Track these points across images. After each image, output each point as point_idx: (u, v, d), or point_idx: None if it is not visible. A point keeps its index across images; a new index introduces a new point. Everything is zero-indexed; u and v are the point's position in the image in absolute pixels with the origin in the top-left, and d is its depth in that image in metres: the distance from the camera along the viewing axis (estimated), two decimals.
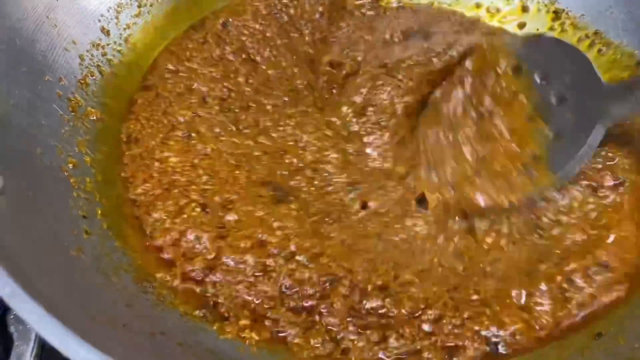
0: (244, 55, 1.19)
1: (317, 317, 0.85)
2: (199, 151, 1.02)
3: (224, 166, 1.00)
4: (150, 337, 0.73)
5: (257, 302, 0.86)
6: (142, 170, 1.00)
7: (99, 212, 0.92)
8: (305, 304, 0.86)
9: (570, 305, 0.85)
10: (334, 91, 1.16)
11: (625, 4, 1.17)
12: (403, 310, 0.85)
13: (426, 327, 0.84)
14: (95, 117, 1.04)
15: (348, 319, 0.85)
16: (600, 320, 0.84)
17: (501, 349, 0.83)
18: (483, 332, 0.83)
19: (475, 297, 0.86)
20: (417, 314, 0.85)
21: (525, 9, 1.31)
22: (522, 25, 1.29)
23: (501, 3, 1.33)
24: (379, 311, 0.86)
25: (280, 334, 0.83)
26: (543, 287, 0.85)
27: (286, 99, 1.13)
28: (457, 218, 0.95)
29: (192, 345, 0.76)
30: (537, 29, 1.28)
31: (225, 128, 1.06)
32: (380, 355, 0.82)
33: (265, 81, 1.15)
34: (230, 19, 1.25)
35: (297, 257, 0.89)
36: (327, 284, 0.87)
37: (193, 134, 1.05)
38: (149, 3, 1.22)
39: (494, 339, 0.83)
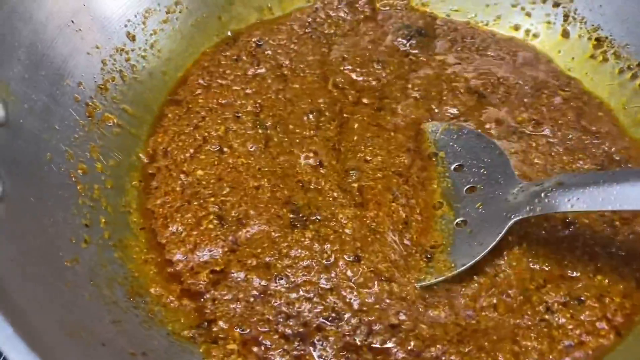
0: (277, 73, 1.19)
1: (309, 348, 0.83)
2: (229, 164, 1.02)
3: (250, 181, 1.00)
4: (130, 357, 0.72)
5: (251, 322, 0.84)
6: (166, 182, 1.01)
7: (103, 220, 0.92)
8: (300, 330, 0.84)
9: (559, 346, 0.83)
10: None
11: None
12: (408, 347, 0.82)
13: None
14: (112, 123, 1.04)
15: (342, 353, 0.82)
16: None
17: None
18: None
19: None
20: (420, 352, 0.82)
21: (566, 34, 1.24)
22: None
23: (541, 26, 1.27)
24: (381, 346, 0.83)
25: None
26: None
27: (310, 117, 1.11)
28: None
29: None
30: (573, 58, 1.21)
31: (258, 143, 1.06)
32: None
33: (293, 97, 1.14)
34: (266, 38, 1.25)
35: (301, 290, 0.88)
36: (327, 321, 0.85)
37: (225, 149, 1.05)
38: (178, 10, 1.21)
39: None
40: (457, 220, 0.93)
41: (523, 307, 0.86)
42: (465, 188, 0.97)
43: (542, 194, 0.85)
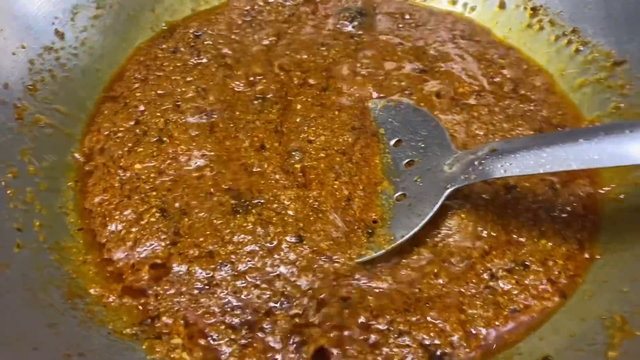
0: (221, 62, 1.17)
1: (258, 334, 0.81)
2: (169, 155, 1.00)
3: (192, 171, 0.99)
4: (65, 359, 0.70)
5: (197, 315, 0.83)
6: (104, 179, 0.99)
7: (37, 223, 0.89)
8: (248, 318, 0.83)
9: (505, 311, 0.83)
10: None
11: (605, 1, 1.10)
12: (358, 320, 0.82)
13: (373, 337, 0.81)
14: (44, 124, 1.01)
15: (289, 336, 0.81)
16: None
17: None
18: (427, 341, 0.80)
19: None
20: (370, 323, 0.82)
21: (502, 6, 1.25)
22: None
23: None
24: (333, 323, 0.82)
25: (214, 354, 0.80)
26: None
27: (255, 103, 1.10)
28: None
29: None
30: (510, 29, 1.22)
31: (200, 130, 1.04)
32: None
33: (239, 83, 1.13)
34: (204, 29, 1.23)
35: (248, 276, 0.86)
36: (277, 305, 0.84)
37: (165, 138, 1.03)
38: (109, 4, 1.18)
39: (438, 351, 0.79)
40: (396, 195, 0.93)
41: (467, 275, 0.86)
42: (404, 162, 0.97)
43: (476, 162, 0.85)
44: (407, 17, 1.28)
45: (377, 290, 0.85)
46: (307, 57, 1.18)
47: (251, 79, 1.14)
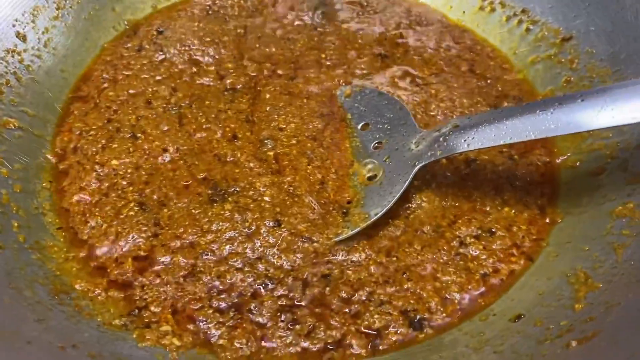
0: (186, 57, 1.19)
1: (246, 315, 0.84)
2: (144, 151, 1.02)
3: (167, 163, 1.01)
4: (59, 351, 0.71)
5: (184, 302, 0.85)
6: (80, 178, 0.99)
7: (16, 224, 0.89)
8: (235, 301, 0.85)
9: (476, 276, 0.88)
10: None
11: None
12: (340, 295, 0.86)
13: (354, 307, 0.85)
14: (13, 127, 1.01)
15: (278, 314, 0.84)
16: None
17: (424, 327, 0.83)
18: (407, 307, 0.85)
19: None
20: (351, 297, 0.86)
21: None
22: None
23: None
24: (316, 302, 0.86)
25: (203, 337, 0.82)
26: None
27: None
28: None
29: (107, 357, 0.74)
30: (464, 12, 1.28)
31: (171, 125, 1.06)
32: (305, 345, 0.82)
33: (207, 78, 1.15)
34: (167, 25, 1.25)
35: (230, 261, 0.89)
36: (262, 287, 0.87)
37: (139, 134, 1.05)
38: (69, 4, 1.18)
39: (417, 317, 0.84)
40: (367, 175, 0.97)
41: (438, 243, 0.91)
42: (373, 144, 1.01)
43: (441, 139, 0.90)
44: (365, 4, 1.33)
45: (355, 263, 0.89)
46: (275, 50, 1.21)
47: (222, 72, 1.16)
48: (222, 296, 0.86)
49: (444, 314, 0.85)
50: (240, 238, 0.91)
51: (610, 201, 0.90)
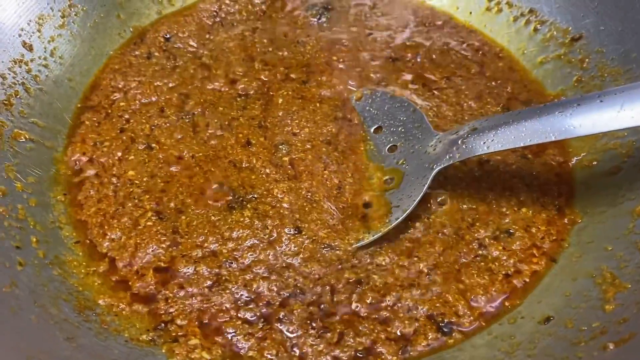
0: (198, 63, 1.18)
1: (275, 324, 0.83)
2: (160, 160, 1.01)
3: (182, 170, 1.00)
4: None
5: (211, 313, 0.84)
6: (97, 190, 0.98)
7: (34, 240, 0.88)
8: (263, 311, 0.85)
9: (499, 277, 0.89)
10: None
11: None
12: (367, 302, 0.86)
13: (383, 314, 0.84)
14: (24, 139, 0.99)
15: (308, 322, 0.84)
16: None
17: (453, 331, 0.84)
18: (434, 312, 0.85)
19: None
20: (379, 303, 0.86)
21: None
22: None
23: None
24: (346, 308, 0.86)
25: (233, 350, 0.81)
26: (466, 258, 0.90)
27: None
28: None
29: None
30: (471, 13, 1.28)
31: (185, 133, 1.05)
32: (335, 353, 0.81)
33: (219, 83, 1.15)
34: (174, 32, 1.23)
35: (254, 269, 0.88)
36: (290, 296, 0.86)
37: (153, 145, 1.04)
38: (73, 13, 1.16)
39: (444, 321, 0.84)
40: (384, 178, 0.97)
41: (459, 245, 0.92)
42: (387, 147, 1.01)
43: (459, 141, 0.90)
44: (372, 7, 1.32)
45: (381, 268, 0.89)
46: (287, 54, 1.20)
47: (233, 77, 1.15)
48: (249, 306, 0.85)
49: (472, 318, 0.85)
50: (262, 245, 0.91)
51: (630, 200, 0.91)
